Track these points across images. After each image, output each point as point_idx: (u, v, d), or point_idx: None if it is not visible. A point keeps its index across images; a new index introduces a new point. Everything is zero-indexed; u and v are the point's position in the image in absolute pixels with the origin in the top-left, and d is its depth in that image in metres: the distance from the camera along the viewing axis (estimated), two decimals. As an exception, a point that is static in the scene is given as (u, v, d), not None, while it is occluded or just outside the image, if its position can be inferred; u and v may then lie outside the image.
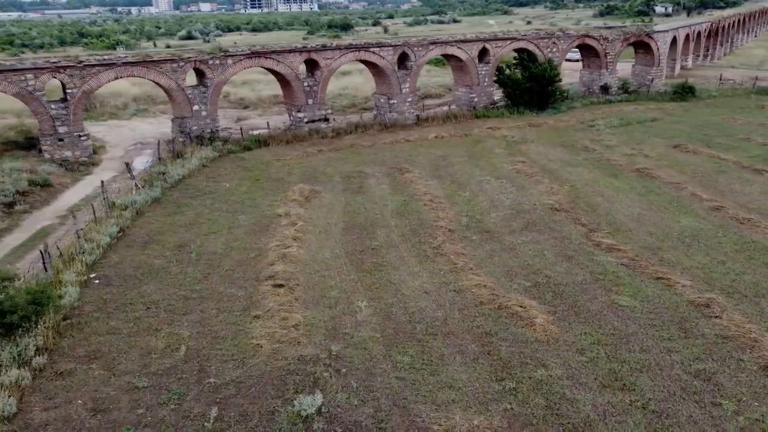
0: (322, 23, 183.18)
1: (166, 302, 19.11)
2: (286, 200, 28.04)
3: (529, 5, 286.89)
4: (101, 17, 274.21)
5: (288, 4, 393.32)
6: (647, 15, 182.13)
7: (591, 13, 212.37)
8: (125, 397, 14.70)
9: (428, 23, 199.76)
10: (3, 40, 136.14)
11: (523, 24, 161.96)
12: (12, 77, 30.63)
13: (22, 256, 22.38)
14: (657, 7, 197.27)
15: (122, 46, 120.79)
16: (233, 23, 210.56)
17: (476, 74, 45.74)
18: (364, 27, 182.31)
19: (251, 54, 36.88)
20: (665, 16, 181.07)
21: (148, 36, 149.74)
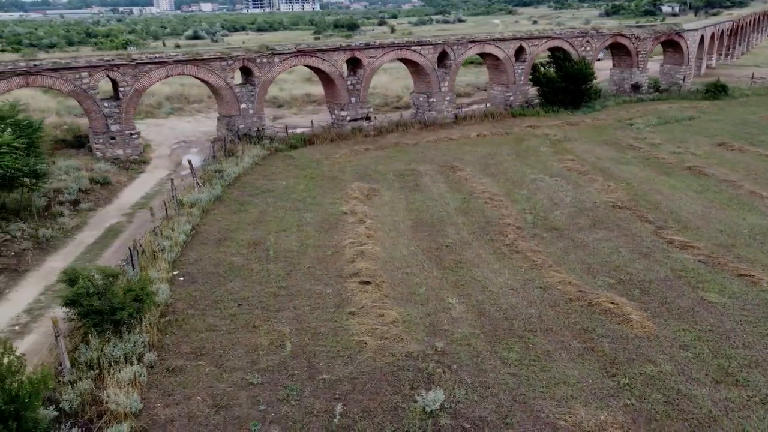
0: (327, 23, 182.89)
1: (256, 299, 19.13)
2: (347, 198, 28.05)
3: (533, 5, 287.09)
4: (103, 17, 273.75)
5: (290, 4, 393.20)
6: (654, 15, 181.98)
7: (597, 12, 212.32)
8: (242, 394, 14.71)
9: (433, 23, 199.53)
10: (10, 41, 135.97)
11: (529, 24, 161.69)
12: (67, 75, 30.62)
13: (99, 254, 22.39)
14: (664, 6, 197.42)
15: (133, 46, 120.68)
16: (238, 23, 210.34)
17: (512, 73, 45.77)
18: (371, 27, 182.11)
19: (297, 52, 36.89)
20: (672, 15, 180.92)
21: (155, 36, 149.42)
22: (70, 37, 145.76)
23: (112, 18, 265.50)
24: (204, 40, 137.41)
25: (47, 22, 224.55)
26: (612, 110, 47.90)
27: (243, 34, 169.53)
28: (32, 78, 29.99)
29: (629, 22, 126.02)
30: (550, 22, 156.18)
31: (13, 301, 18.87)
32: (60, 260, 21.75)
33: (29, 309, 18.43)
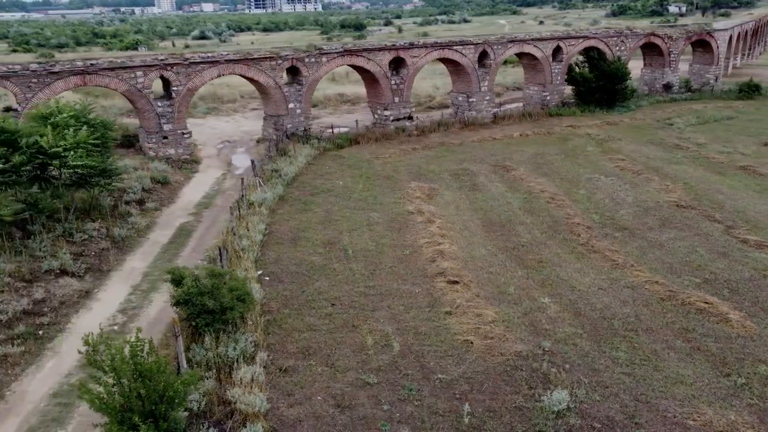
0: (333, 23, 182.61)
1: (347, 299, 19.07)
2: (409, 198, 28.00)
3: (536, 5, 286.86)
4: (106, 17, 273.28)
5: (292, 4, 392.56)
6: (661, 15, 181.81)
7: (603, 12, 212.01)
8: (361, 393, 14.65)
9: (438, 23, 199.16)
10: (17, 41, 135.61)
11: (536, 24, 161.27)
12: (123, 74, 30.53)
13: (177, 254, 22.32)
14: (671, 7, 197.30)
15: (144, 46, 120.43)
16: (243, 23, 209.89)
17: (550, 72, 45.75)
18: (377, 27, 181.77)
19: (344, 52, 36.83)
20: (679, 15, 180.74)
21: (161, 36, 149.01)
22: (78, 37, 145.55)
23: (114, 18, 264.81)
24: (212, 40, 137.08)
25: (51, 22, 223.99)
26: (647, 110, 47.88)
27: (249, 34, 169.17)
28: (89, 77, 29.90)
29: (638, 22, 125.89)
30: (557, 23, 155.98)
31: (104, 301, 18.79)
32: (139, 260, 21.68)
33: (122, 309, 18.36)
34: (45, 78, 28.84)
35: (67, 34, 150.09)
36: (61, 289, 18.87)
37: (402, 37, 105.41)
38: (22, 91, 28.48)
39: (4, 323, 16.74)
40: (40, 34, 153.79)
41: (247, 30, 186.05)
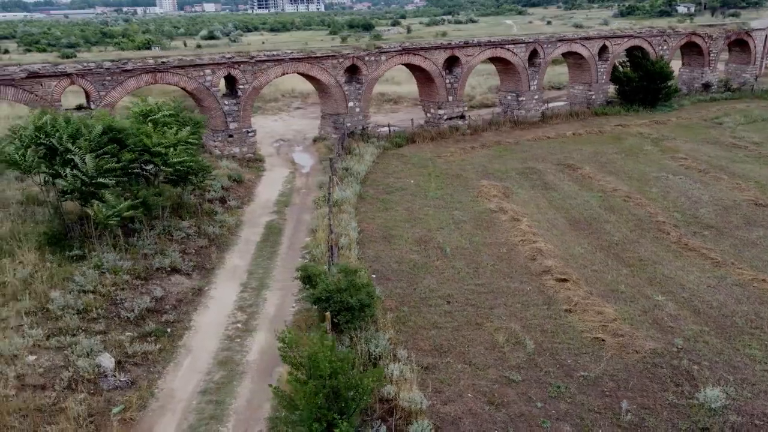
0: (340, 24, 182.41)
1: (461, 297, 19.04)
2: (486, 196, 27.97)
3: (541, 5, 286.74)
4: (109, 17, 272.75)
5: (294, 5, 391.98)
6: (670, 15, 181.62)
7: (611, 12, 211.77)
8: (509, 391, 14.63)
9: (445, 23, 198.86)
10: (26, 41, 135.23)
11: (543, 24, 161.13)
12: (192, 72, 30.45)
13: (274, 252, 22.26)
14: (679, 7, 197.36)
15: (157, 46, 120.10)
16: (251, 23, 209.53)
17: (595, 71, 45.76)
18: (385, 27, 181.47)
19: (402, 50, 36.78)
20: (688, 16, 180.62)
21: (168, 36, 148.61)
22: (88, 37, 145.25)
23: (118, 18, 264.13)
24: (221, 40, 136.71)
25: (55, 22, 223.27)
26: (690, 109, 47.85)
27: (257, 34, 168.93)
28: (160, 75, 29.82)
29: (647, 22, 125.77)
30: (565, 23, 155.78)
31: (218, 299, 18.72)
32: (238, 258, 21.61)
33: (239, 307, 18.29)
34: (118, 76, 28.75)
35: (76, 33, 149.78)
36: (175, 287, 18.82)
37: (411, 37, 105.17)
38: (96, 88, 28.39)
39: (132, 321, 16.67)
40: (48, 33, 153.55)
41: (254, 30, 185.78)
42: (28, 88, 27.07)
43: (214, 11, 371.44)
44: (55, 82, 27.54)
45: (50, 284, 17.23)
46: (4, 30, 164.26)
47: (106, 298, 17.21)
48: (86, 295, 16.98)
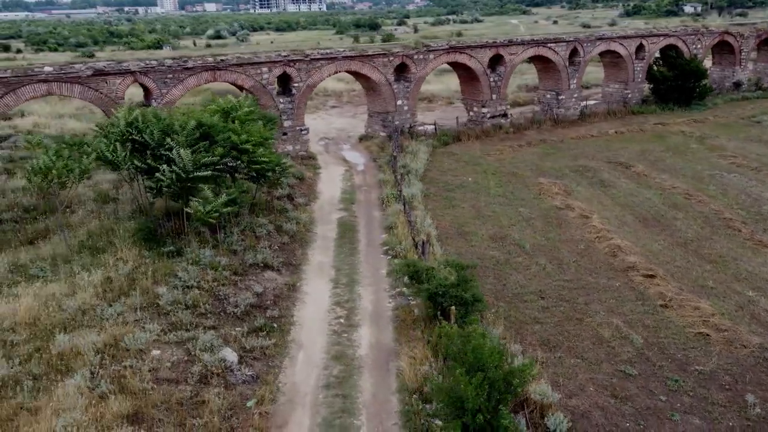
0: (347, 23, 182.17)
1: (552, 292, 19.18)
2: (549, 194, 28.10)
3: (545, 5, 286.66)
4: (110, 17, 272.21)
5: (297, 4, 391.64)
6: (677, 15, 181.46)
7: (616, 12, 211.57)
8: (629, 385, 14.78)
9: (450, 23, 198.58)
10: (33, 40, 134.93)
11: (549, 24, 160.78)
12: (250, 70, 30.53)
13: (354, 248, 22.30)
14: (686, 7, 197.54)
15: (168, 46, 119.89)
16: (256, 23, 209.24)
17: (632, 70, 45.88)
18: (393, 27, 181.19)
19: (449, 49, 36.88)
20: (695, 15, 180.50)
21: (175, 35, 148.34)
22: (95, 36, 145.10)
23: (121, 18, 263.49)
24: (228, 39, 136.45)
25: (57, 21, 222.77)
26: (724, 108, 47.94)
27: (264, 34, 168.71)
28: (219, 73, 29.90)
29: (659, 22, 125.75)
30: (571, 23, 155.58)
31: (312, 294, 18.78)
32: (320, 254, 21.68)
33: (336, 302, 18.36)
34: (180, 74, 28.83)
35: (84, 33, 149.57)
36: (269, 283, 18.90)
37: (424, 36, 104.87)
38: (158, 86, 28.46)
39: (238, 316, 16.75)
40: (53, 33, 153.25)
41: (260, 29, 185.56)
42: (94, 86, 27.12)
43: (216, 11, 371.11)
44: (119, 79, 27.62)
45: (153, 280, 17.30)
46: (8, 30, 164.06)
47: (210, 294, 17.29)
48: (192, 291, 17.06)
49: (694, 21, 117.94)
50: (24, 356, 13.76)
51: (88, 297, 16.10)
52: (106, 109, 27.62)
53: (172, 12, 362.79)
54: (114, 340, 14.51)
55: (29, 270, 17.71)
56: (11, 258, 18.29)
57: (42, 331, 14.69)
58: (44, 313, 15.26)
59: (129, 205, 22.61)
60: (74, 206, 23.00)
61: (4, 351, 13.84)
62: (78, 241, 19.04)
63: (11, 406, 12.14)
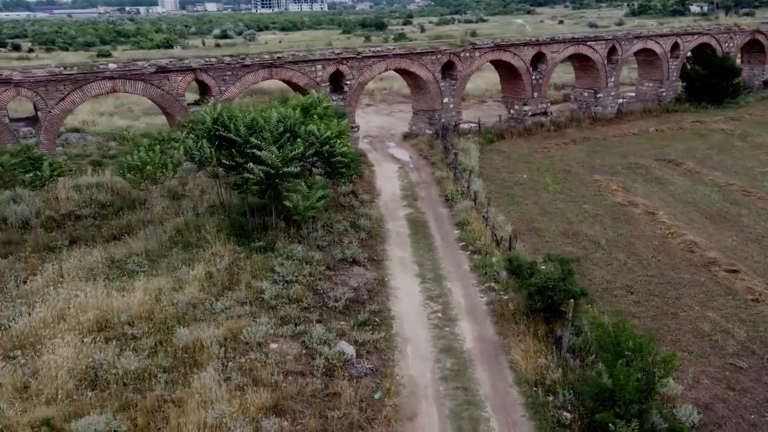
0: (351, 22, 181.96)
1: (641, 288, 19.30)
2: (608, 190, 28.22)
3: (548, 5, 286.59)
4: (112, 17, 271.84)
5: (298, 4, 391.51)
6: (683, 14, 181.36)
7: (621, 12, 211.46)
8: (742, 378, 14.89)
9: (455, 22, 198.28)
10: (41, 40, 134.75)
11: (555, 23, 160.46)
12: (305, 68, 30.59)
13: (430, 244, 22.36)
14: (692, 6, 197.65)
15: (178, 45, 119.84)
16: (261, 23, 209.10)
17: (667, 68, 46.03)
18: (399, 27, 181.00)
19: (494, 47, 36.96)
20: (702, 15, 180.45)
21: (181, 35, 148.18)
22: (102, 36, 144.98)
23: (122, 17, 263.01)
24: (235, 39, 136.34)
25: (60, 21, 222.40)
26: (758, 106, 48.05)
27: (270, 33, 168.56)
28: (275, 71, 29.96)
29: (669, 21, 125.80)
30: (577, 23, 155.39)
31: (403, 289, 18.84)
32: (398, 250, 21.74)
33: (429, 297, 18.43)
34: (238, 71, 28.88)
35: (91, 33, 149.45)
36: (360, 278, 18.98)
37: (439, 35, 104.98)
38: (217, 83, 28.51)
39: (340, 310, 16.82)
40: (59, 32, 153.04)
41: (265, 29, 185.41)
42: (156, 83, 27.17)
43: (216, 11, 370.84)
44: (180, 76, 27.66)
45: (253, 275, 17.36)
46: (12, 29, 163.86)
47: (309, 288, 17.36)
48: (293, 285, 17.13)
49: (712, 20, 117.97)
50: (149, 349, 13.81)
51: (195, 291, 16.15)
52: (169, 106, 27.67)
53: (173, 12, 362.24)
54: (231, 333, 14.57)
55: (126, 265, 17.75)
56: (106, 253, 18.31)
57: (158, 325, 14.75)
58: (157, 308, 15.31)
59: (202, 201, 22.62)
60: (146, 203, 23.02)
61: (130, 344, 13.89)
62: (168, 237, 19.08)
63: (153, 398, 12.21)
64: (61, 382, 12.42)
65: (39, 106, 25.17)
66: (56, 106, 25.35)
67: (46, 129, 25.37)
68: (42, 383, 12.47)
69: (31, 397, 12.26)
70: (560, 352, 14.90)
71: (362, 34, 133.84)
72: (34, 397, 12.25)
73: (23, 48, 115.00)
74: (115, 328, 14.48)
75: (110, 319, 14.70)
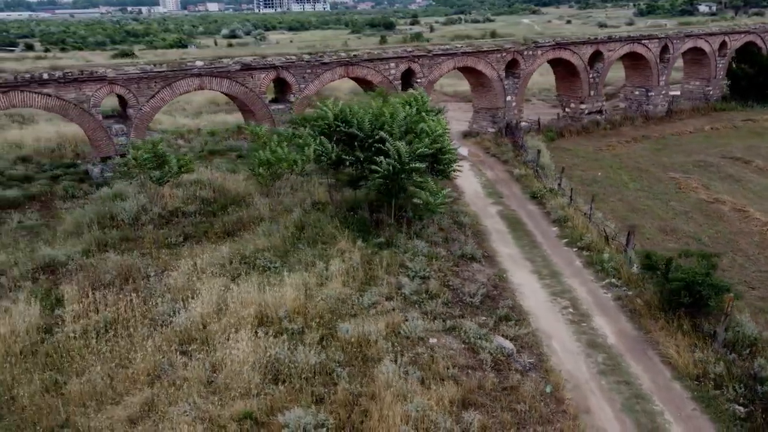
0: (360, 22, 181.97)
1: (758, 283, 19.36)
2: (689, 188, 28.30)
3: (553, 5, 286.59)
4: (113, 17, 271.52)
5: (301, 4, 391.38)
6: (691, 14, 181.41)
7: (629, 12, 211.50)
8: None
9: (462, 22, 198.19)
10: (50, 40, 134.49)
11: (562, 23, 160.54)
12: (379, 66, 30.65)
13: (532, 241, 22.40)
14: (701, 6, 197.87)
15: (193, 45, 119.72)
16: (268, 23, 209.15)
17: (714, 67, 46.16)
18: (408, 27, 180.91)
19: (556, 45, 37.07)
20: (710, 15, 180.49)
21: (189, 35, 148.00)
22: (112, 36, 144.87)
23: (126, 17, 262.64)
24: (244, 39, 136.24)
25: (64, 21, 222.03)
26: (802, 105, 48.24)
27: (279, 33, 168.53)
28: (351, 68, 30.00)
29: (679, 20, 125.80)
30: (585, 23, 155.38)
31: (525, 285, 18.78)
32: (503, 246, 21.74)
33: (553, 293, 18.44)
34: (317, 68, 28.91)
35: (100, 33, 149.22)
36: (480, 274, 19.00)
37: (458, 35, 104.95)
38: (297, 81, 28.56)
39: (476, 305, 16.84)
40: (66, 32, 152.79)
41: (273, 29, 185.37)
42: (241, 80, 27.19)
43: (218, 11, 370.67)
44: (263, 74, 27.69)
45: (387, 270, 17.38)
46: (19, 29, 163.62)
47: (442, 284, 17.38)
48: (427, 281, 17.15)
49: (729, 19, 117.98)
50: (316, 344, 13.80)
51: (339, 286, 16.16)
52: (251, 103, 27.68)
53: (174, 11, 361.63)
54: (391, 328, 14.58)
55: (256, 261, 17.73)
56: (231, 249, 18.29)
57: (315, 320, 14.74)
58: (310, 303, 15.31)
59: (308, 198, 22.64)
60: (247, 199, 23.01)
61: (296, 339, 13.88)
62: (290, 233, 19.06)
63: (345, 392, 12.21)
64: (248, 377, 12.41)
65: (130, 104, 25.16)
66: (147, 103, 25.35)
67: (136, 126, 25.37)
68: (229, 377, 12.45)
69: (221, 392, 12.25)
70: (715, 347, 14.93)
71: (372, 34, 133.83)
72: (223, 391, 12.24)
73: (36, 48, 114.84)
74: (274, 323, 14.48)
75: (268, 314, 14.70)
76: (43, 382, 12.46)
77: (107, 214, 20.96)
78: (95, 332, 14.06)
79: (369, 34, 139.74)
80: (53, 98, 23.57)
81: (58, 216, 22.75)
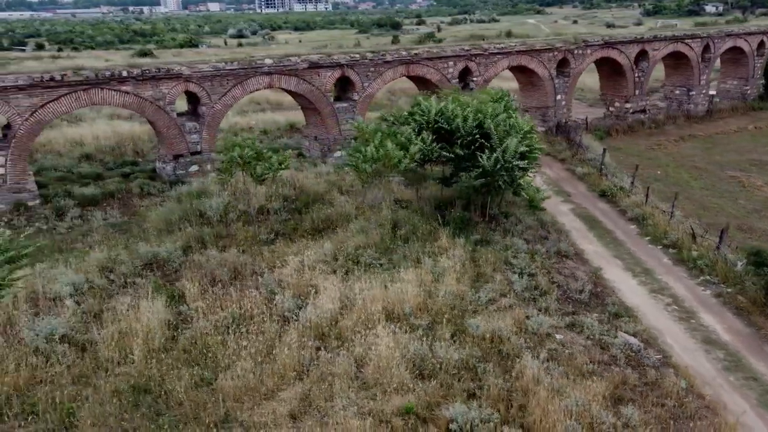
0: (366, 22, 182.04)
1: None
2: (753, 186, 28.39)
3: (557, 5, 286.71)
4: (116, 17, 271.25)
5: (303, 4, 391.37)
6: (698, 14, 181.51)
7: (634, 12, 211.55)
8: None
9: (468, 22, 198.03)
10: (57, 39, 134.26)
11: (569, 23, 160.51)
12: (438, 64, 30.68)
13: (614, 239, 22.45)
14: (707, 6, 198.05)
15: (204, 45, 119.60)
16: (274, 22, 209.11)
17: (753, 67, 46.25)
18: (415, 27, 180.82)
19: (604, 44, 37.13)
20: (717, 15, 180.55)
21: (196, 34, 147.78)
22: (120, 35, 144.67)
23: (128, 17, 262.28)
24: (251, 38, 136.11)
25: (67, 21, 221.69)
26: (836, 104, 48.36)
27: (286, 33, 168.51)
28: (411, 67, 30.02)
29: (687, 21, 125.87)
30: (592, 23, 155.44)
31: (622, 282, 18.85)
32: (587, 244, 21.81)
33: (652, 290, 18.50)
34: (380, 67, 28.94)
35: (108, 32, 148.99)
36: (576, 271, 19.02)
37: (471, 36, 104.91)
38: (361, 79, 28.57)
39: (583, 302, 16.86)
40: (73, 32, 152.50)
41: (278, 29, 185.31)
42: (307, 78, 27.20)
43: (219, 10, 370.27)
44: (329, 72, 27.70)
45: (493, 267, 17.40)
46: (24, 29, 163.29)
47: (549, 281, 17.41)
48: (536, 278, 17.18)
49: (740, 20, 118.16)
50: (449, 340, 13.80)
51: (454, 283, 16.17)
52: (317, 101, 27.68)
53: (175, 11, 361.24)
54: (516, 325, 14.60)
55: (360, 258, 17.72)
56: (333, 246, 18.28)
57: (439, 315, 14.75)
58: (429, 300, 15.32)
59: (388, 196, 22.64)
60: (325, 196, 22.98)
61: (429, 335, 13.89)
62: (387, 230, 19.06)
63: (496, 387, 12.21)
64: (396, 372, 12.41)
65: (203, 101, 25.16)
66: (219, 101, 25.35)
67: (208, 124, 25.37)
68: (377, 373, 12.45)
69: (370, 387, 12.25)
70: None
71: (380, 34, 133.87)
72: (373, 386, 12.24)
73: (47, 47, 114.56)
74: (401, 320, 14.48)
75: (393, 310, 14.71)
76: (191, 377, 12.44)
77: (194, 211, 20.94)
78: (224, 328, 14.06)
79: (377, 33, 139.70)
80: (131, 95, 23.55)
81: (139, 214, 22.75)
